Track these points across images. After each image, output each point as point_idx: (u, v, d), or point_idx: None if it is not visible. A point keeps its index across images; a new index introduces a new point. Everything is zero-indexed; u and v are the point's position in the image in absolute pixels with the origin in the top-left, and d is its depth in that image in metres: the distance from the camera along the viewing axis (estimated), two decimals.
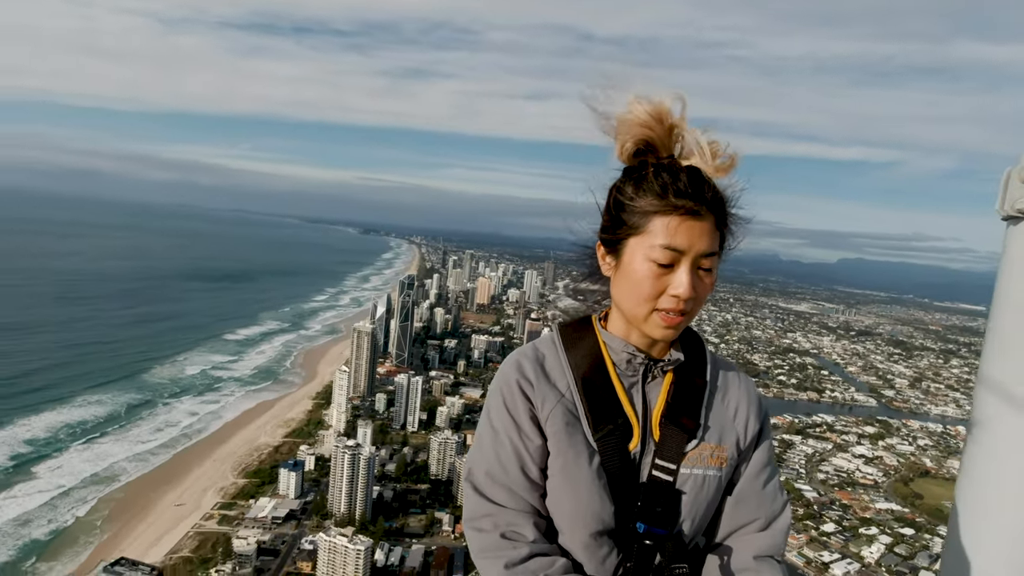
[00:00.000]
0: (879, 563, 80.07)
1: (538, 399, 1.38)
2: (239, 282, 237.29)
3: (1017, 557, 1.45)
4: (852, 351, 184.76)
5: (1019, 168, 1.45)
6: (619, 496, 1.34)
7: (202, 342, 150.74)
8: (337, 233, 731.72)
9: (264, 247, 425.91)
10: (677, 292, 1.27)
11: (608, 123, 1.32)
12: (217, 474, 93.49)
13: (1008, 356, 1.49)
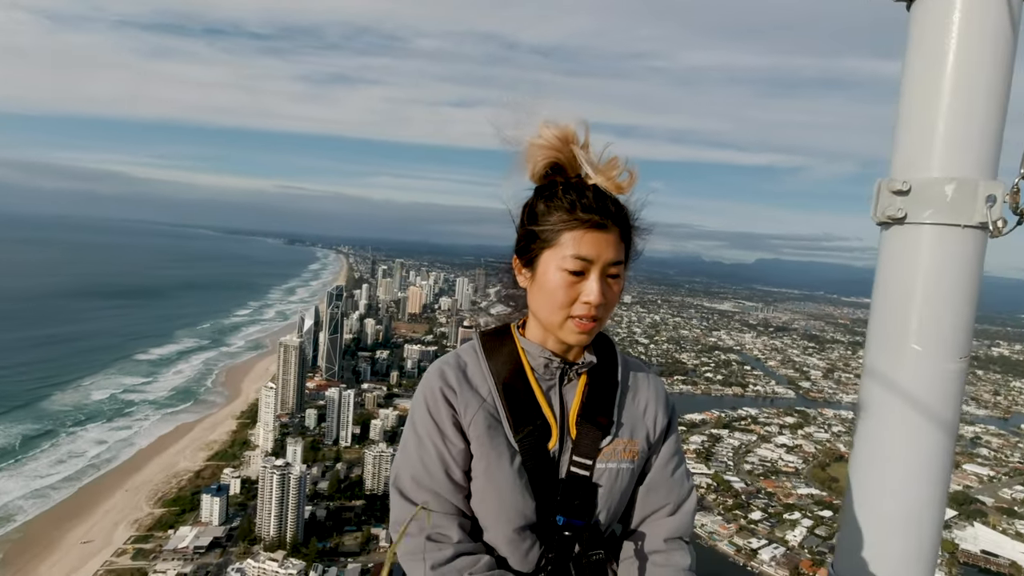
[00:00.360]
0: (802, 545, 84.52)
1: (461, 405, 1.45)
2: (149, 298, 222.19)
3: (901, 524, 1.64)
4: (771, 346, 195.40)
5: (887, 180, 1.61)
6: (540, 492, 1.42)
7: (110, 364, 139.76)
8: (259, 244, 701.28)
9: (177, 260, 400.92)
10: (589, 299, 1.36)
11: (519, 147, 1.42)
12: (130, 505, 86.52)
13: (886, 348, 1.65)
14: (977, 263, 1.57)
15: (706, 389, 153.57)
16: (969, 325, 1.60)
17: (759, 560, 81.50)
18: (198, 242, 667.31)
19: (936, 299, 1.58)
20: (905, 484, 1.64)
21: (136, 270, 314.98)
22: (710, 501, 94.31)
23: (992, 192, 1.47)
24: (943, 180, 1.52)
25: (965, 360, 1.62)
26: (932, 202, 1.53)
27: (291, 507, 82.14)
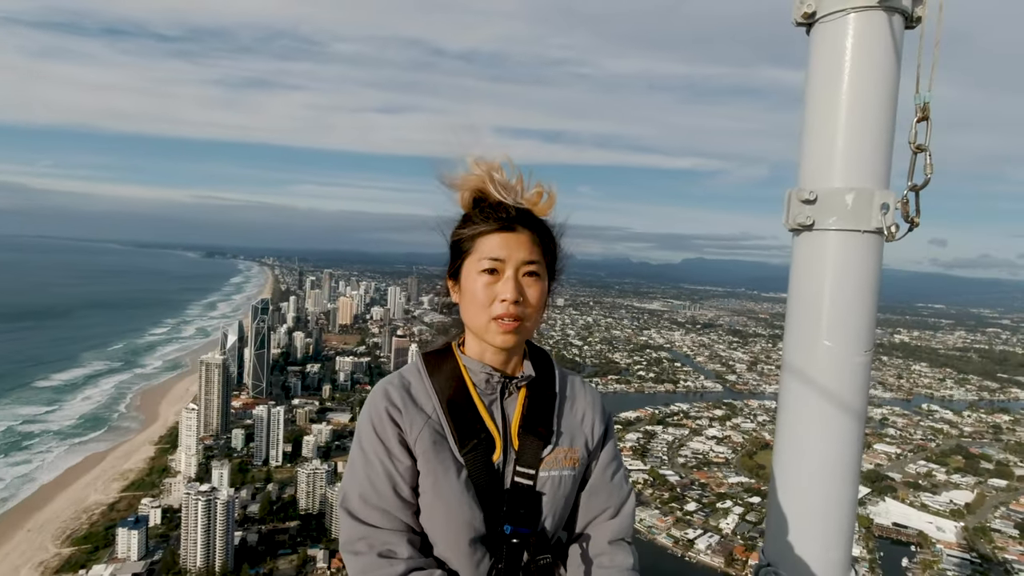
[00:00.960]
0: (735, 532, 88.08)
1: (406, 423, 1.51)
2: (51, 319, 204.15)
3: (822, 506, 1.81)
4: (699, 342, 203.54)
5: (796, 190, 1.78)
6: (486, 503, 1.49)
7: (4, 394, 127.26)
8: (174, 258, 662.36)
9: (81, 277, 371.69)
10: (504, 297, 1.47)
11: (452, 182, 1.58)
12: (33, 547, 78.82)
13: (801, 345, 1.82)
14: (876, 264, 1.74)
15: (639, 387, 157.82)
16: (872, 320, 1.78)
17: (696, 550, 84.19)
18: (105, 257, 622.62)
19: (842, 299, 1.74)
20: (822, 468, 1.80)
21: (34, 288, 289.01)
22: (647, 496, 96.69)
23: (885, 200, 1.65)
24: (843, 190, 1.70)
25: (870, 352, 1.79)
26: (835, 210, 1.70)
27: (219, 534, 77.46)
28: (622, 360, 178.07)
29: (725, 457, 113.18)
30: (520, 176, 1.59)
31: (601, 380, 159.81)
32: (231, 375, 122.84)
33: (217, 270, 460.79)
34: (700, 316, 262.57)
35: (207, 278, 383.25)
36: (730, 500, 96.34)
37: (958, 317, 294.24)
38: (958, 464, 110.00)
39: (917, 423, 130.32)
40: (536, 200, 1.58)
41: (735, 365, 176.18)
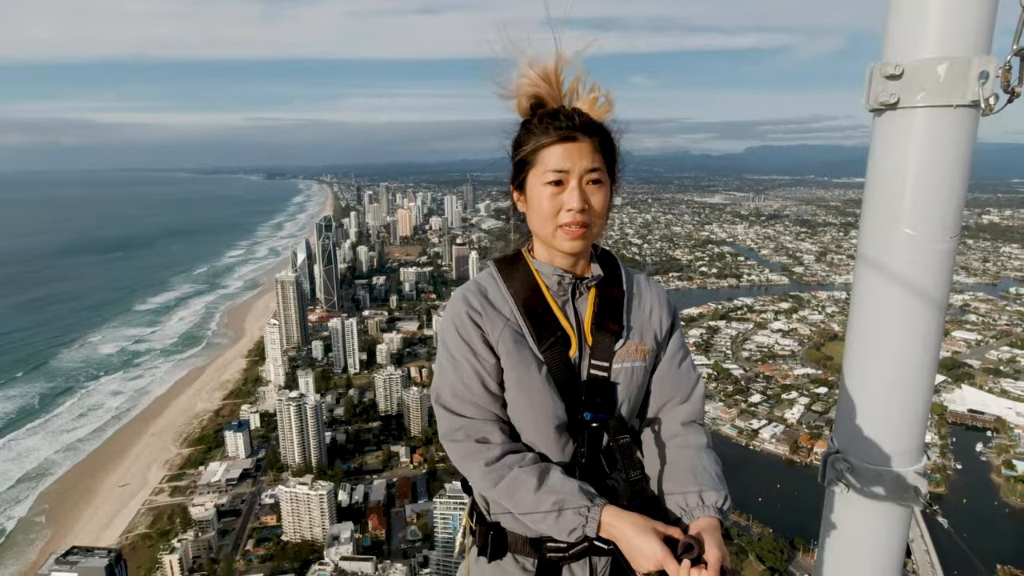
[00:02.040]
0: (800, 422, 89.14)
1: (487, 325, 1.62)
2: (137, 249, 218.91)
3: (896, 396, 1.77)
4: (764, 235, 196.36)
5: (880, 65, 1.60)
6: (566, 395, 1.62)
7: (111, 318, 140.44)
8: (239, 182, 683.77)
9: (158, 207, 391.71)
10: (571, 206, 1.54)
11: (507, 89, 1.62)
12: (158, 448, 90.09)
13: (880, 234, 1.72)
14: (970, 142, 1.59)
15: (702, 283, 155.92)
16: (960, 205, 1.65)
17: (760, 439, 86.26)
18: (176, 186, 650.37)
19: (928, 183, 1.61)
20: (897, 361, 1.74)
21: (118, 221, 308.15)
22: (711, 389, 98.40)
23: (985, 68, 1.48)
24: (936, 60, 1.52)
25: (956, 238, 1.67)
26: (925, 84, 1.54)
27: (311, 434, 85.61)
28: (683, 257, 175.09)
29: (791, 350, 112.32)
30: (576, 79, 1.62)
31: (662, 278, 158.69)
32: (304, 291, 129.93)
33: (279, 191, 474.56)
34: (765, 207, 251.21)
35: (271, 200, 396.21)
36: (796, 391, 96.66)
37: None
38: None
39: (1003, 308, 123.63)
40: (593, 103, 1.62)
41: (802, 256, 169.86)
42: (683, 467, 1.63)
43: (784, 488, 71.99)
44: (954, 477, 74.94)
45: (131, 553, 66.82)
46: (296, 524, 72.89)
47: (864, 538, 1.93)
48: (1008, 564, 59.15)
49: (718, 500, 1.51)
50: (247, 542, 72.84)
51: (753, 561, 62.57)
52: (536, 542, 1.68)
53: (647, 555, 1.36)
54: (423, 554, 68.48)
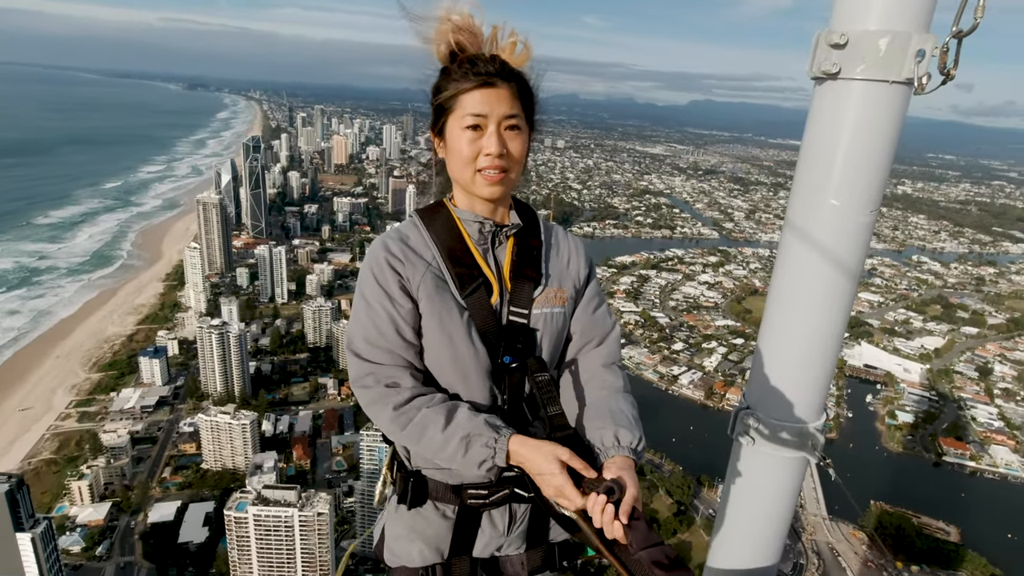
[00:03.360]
0: (716, 370, 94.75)
1: (407, 271, 1.64)
2: (32, 155, 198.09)
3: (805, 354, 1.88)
4: (700, 189, 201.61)
5: (827, 32, 1.64)
6: (488, 340, 1.64)
7: (5, 230, 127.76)
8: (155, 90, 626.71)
9: (59, 110, 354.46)
10: (489, 151, 1.56)
11: (425, 33, 1.61)
12: (64, 372, 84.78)
13: (808, 202, 1.78)
14: (900, 119, 1.64)
15: (636, 232, 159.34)
16: (884, 180, 1.72)
17: (679, 384, 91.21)
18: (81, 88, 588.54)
19: (858, 156, 1.66)
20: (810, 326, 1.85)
21: (11, 123, 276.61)
22: (637, 335, 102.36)
23: (922, 46, 1.52)
24: (879, 33, 1.55)
25: (875, 212, 1.75)
26: (866, 56, 1.57)
27: (234, 364, 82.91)
28: (621, 205, 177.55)
29: (715, 302, 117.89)
30: (495, 26, 1.63)
31: (599, 224, 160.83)
32: (229, 215, 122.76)
33: (202, 104, 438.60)
34: (703, 162, 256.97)
35: (192, 113, 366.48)
36: (715, 341, 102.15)
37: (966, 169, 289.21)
38: (935, 313, 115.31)
39: (904, 274, 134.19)
40: (511, 50, 1.63)
41: (733, 213, 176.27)
42: (600, 407, 1.66)
43: (696, 430, 76.91)
44: (845, 424, 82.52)
45: (35, 478, 63.61)
46: (217, 453, 71.45)
47: (763, 486, 2.08)
48: (881, 500, 66.60)
49: (632, 440, 1.54)
50: (164, 469, 70.95)
51: (663, 495, 67.20)
52: (457, 488, 1.70)
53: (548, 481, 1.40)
54: (348, 484, 69.16)
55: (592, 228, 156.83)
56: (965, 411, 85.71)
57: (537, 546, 1.83)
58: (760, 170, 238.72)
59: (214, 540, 61.08)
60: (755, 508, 2.12)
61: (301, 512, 58.12)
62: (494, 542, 1.76)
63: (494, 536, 1.76)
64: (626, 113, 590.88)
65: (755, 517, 2.13)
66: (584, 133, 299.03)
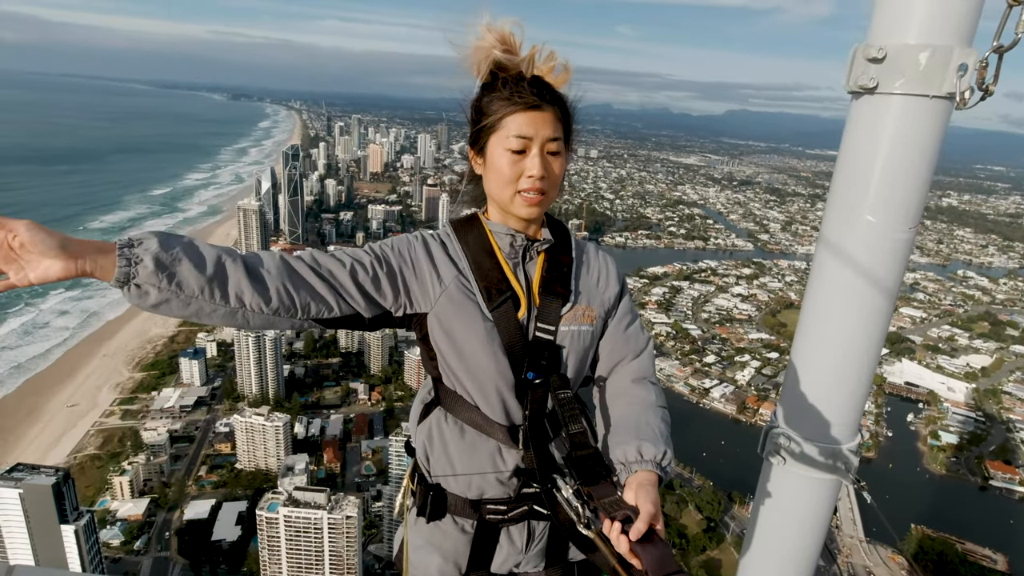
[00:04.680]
0: (749, 384, 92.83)
1: (440, 264, 1.64)
2: (87, 163, 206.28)
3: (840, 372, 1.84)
4: (734, 200, 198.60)
5: (864, 46, 1.60)
6: (512, 355, 1.61)
7: None
8: (200, 100, 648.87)
9: (110, 119, 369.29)
10: (532, 173, 1.56)
11: (465, 52, 1.60)
12: (109, 370, 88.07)
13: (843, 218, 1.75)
14: (940, 134, 1.60)
15: (669, 243, 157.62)
16: (923, 196, 1.67)
17: (710, 398, 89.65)
18: (130, 98, 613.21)
19: (896, 172, 1.63)
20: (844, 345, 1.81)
21: (65, 131, 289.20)
22: (668, 348, 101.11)
23: (965, 60, 1.48)
24: (919, 47, 1.51)
25: (914, 229, 1.70)
26: (905, 70, 1.53)
27: (269, 366, 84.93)
28: (654, 215, 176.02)
29: (748, 314, 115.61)
30: (535, 46, 1.62)
31: (631, 235, 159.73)
32: (268, 221, 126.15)
33: (244, 114, 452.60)
34: (738, 172, 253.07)
35: (235, 122, 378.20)
36: (748, 355, 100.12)
37: (1016, 181, 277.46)
38: (982, 330, 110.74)
39: (949, 289, 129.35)
40: (550, 71, 1.63)
41: (769, 224, 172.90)
42: (627, 423, 1.62)
43: (728, 445, 75.41)
44: (884, 444, 79.76)
45: (79, 473, 66.11)
46: (251, 453, 73.12)
47: (794, 508, 2.02)
48: (922, 524, 64.02)
49: (656, 454, 1.48)
50: (200, 468, 72.90)
51: (692, 510, 65.97)
52: (476, 503, 1.68)
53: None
54: (376, 488, 69.87)
55: (624, 238, 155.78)
56: (1014, 433, 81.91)
57: (555, 565, 1.79)
58: (797, 181, 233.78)
59: (246, 539, 62.34)
60: (785, 530, 2.07)
61: (330, 515, 58.96)
62: (512, 559, 1.74)
63: (512, 553, 1.74)
64: (661, 123, 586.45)
65: (785, 539, 2.09)
66: (618, 143, 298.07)
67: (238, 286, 1.35)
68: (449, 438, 1.68)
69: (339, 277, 1.51)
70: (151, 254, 1.27)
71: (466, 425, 1.67)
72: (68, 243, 1.20)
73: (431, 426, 1.72)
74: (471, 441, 1.66)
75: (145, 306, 1.29)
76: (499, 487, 1.68)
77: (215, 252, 1.35)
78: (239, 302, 1.35)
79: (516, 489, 1.66)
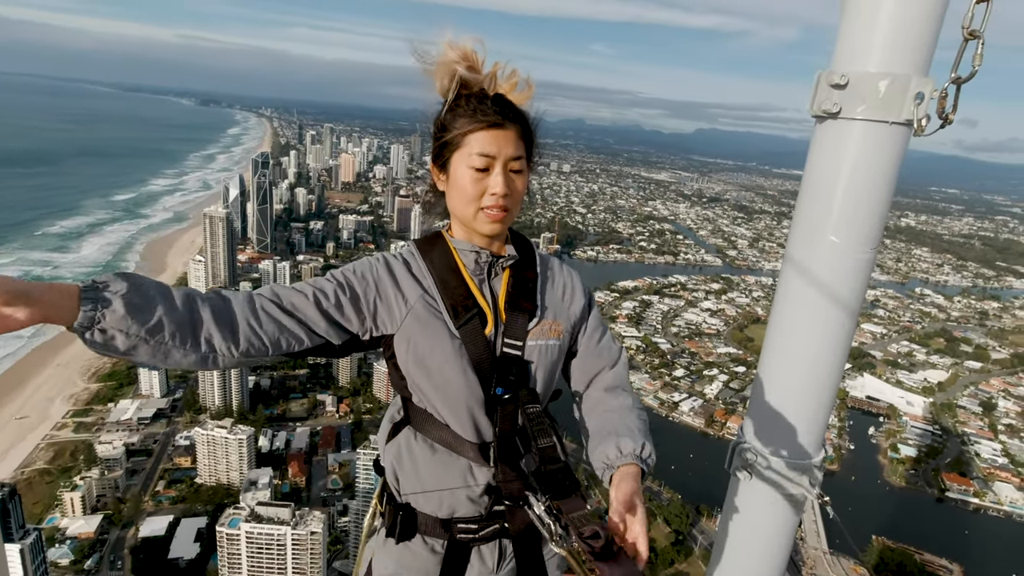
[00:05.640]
0: (717, 397, 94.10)
1: (404, 284, 1.63)
2: (42, 165, 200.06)
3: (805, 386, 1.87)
4: (704, 216, 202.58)
5: (827, 72, 1.63)
6: (481, 371, 1.60)
7: (8, 239, 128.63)
8: (167, 105, 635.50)
9: (72, 121, 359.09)
10: (495, 191, 1.55)
11: (428, 67, 1.59)
12: (63, 381, 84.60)
13: (808, 239, 1.79)
14: (899, 159, 1.66)
15: (640, 257, 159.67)
16: (883, 218, 1.72)
17: (679, 411, 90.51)
18: (94, 100, 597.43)
19: (857, 194, 1.68)
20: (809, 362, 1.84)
21: (23, 132, 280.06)
22: (638, 361, 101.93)
23: (921, 89, 1.53)
24: (879, 75, 1.56)
25: (875, 249, 1.75)
26: (866, 97, 1.58)
27: (234, 378, 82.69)
28: (625, 230, 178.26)
29: (717, 329, 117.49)
30: (497, 63, 1.62)
31: (603, 248, 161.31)
32: (235, 229, 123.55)
33: (213, 120, 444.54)
34: (708, 189, 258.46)
35: (203, 128, 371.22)
36: (717, 368, 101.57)
37: (969, 203, 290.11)
38: (939, 346, 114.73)
39: (907, 306, 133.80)
40: (513, 88, 1.63)
41: (737, 241, 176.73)
42: (605, 428, 1.63)
43: (696, 458, 76.07)
44: (847, 456, 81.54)
45: (27, 488, 63.14)
46: (212, 467, 70.85)
47: (762, 522, 2.04)
48: (882, 535, 65.48)
49: (635, 448, 1.51)
50: (157, 483, 70.29)
51: (660, 523, 66.23)
52: (446, 523, 1.68)
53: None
54: (343, 503, 68.36)
55: (596, 252, 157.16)
56: (969, 446, 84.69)
57: None
58: (764, 199, 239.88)
59: (205, 556, 60.23)
60: (752, 544, 2.10)
61: (294, 530, 57.44)
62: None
63: (483, 572, 1.73)
64: (632, 139, 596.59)
65: (753, 553, 2.11)
66: (590, 158, 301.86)
67: (208, 331, 1.31)
68: (419, 457, 1.67)
69: (304, 310, 1.50)
70: (121, 297, 1.18)
71: (436, 444, 1.65)
72: (30, 290, 1.08)
73: (400, 445, 1.70)
74: (441, 459, 1.65)
75: (108, 352, 1.21)
76: (470, 505, 1.67)
77: (183, 295, 1.31)
78: (209, 347, 1.32)
79: (487, 507, 1.65)
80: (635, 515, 1.31)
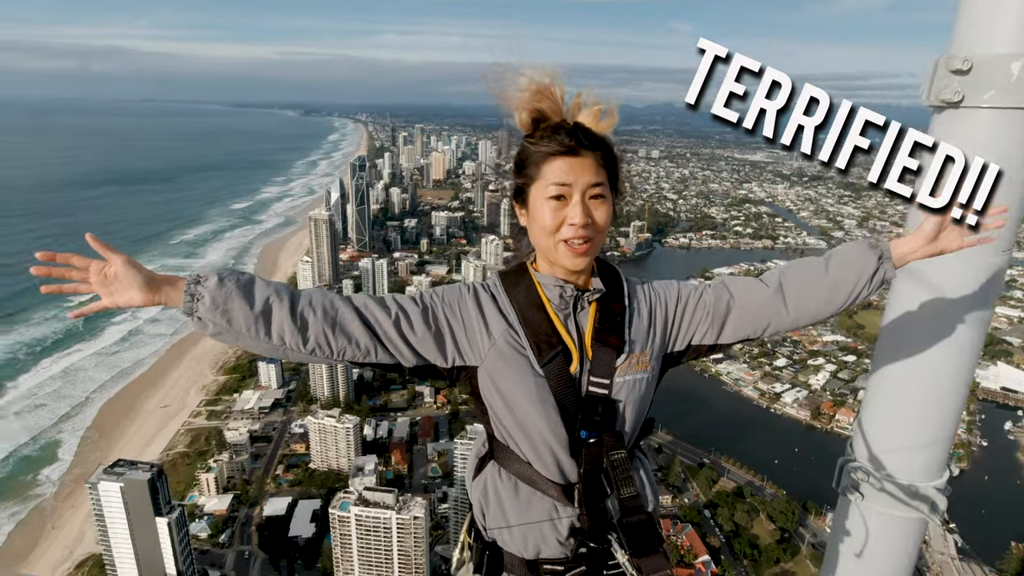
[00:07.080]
0: (824, 388, 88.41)
1: (490, 318, 1.61)
2: (170, 180, 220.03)
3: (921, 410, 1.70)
4: (804, 196, 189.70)
5: (946, 57, 1.48)
6: (565, 412, 1.57)
7: (144, 249, 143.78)
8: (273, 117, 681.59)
9: (190, 139, 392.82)
10: (573, 221, 1.51)
11: (507, 102, 1.59)
12: (196, 373, 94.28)
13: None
14: None
15: (735, 243, 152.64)
16: (1019, 217, 1.51)
17: (782, 403, 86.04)
18: (209, 119, 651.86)
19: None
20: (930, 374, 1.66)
21: (150, 152, 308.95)
22: (736, 350, 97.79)
23: None
24: (1010, 56, 1.38)
25: (1008, 252, 1.55)
26: (994, 81, 1.41)
27: (340, 370, 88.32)
28: (718, 215, 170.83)
29: None
30: (579, 93, 1.59)
31: (695, 235, 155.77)
32: (337, 230, 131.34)
33: (314, 128, 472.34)
34: (808, 168, 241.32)
35: (306, 137, 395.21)
36: (823, 358, 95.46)
37: None
38: None
39: None
40: (596, 116, 1.58)
41: (843, 221, 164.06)
42: (803, 273, 1.67)
43: (802, 452, 72.27)
44: (978, 454, 74.13)
45: (171, 469, 71.07)
46: (323, 453, 76.30)
47: (874, 548, 1.84)
48: (1023, 543, 59.06)
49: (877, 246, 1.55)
50: (277, 467, 76.79)
51: (764, 520, 63.66)
52: (533, 564, 1.65)
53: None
54: (442, 490, 71.31)
55: (688, 239, 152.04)
56: None
57: None
58: None
59: (320, 536, 65.06)
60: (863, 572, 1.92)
61: (399, 515, 60.64)
62: None
63: None
64: None
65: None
66: (679, 142, 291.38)
67: (280, 326, 1.45)
68: (504, 494, 1.65)
69: (383, 325, 1.54)
70: (209, 292, 1.40)
71: (520, 481, 1.63)
72: (151, 278, 1.41)
73: (486, 481, 1.69)
74: (526, 497, 1.63)
75: (205, 334, 1.46)
76: (556, 547, 1.64)
77: (266, 292, 1.45)
78: (280, 340, 1.46)
79: (573, 548, 1.62)
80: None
